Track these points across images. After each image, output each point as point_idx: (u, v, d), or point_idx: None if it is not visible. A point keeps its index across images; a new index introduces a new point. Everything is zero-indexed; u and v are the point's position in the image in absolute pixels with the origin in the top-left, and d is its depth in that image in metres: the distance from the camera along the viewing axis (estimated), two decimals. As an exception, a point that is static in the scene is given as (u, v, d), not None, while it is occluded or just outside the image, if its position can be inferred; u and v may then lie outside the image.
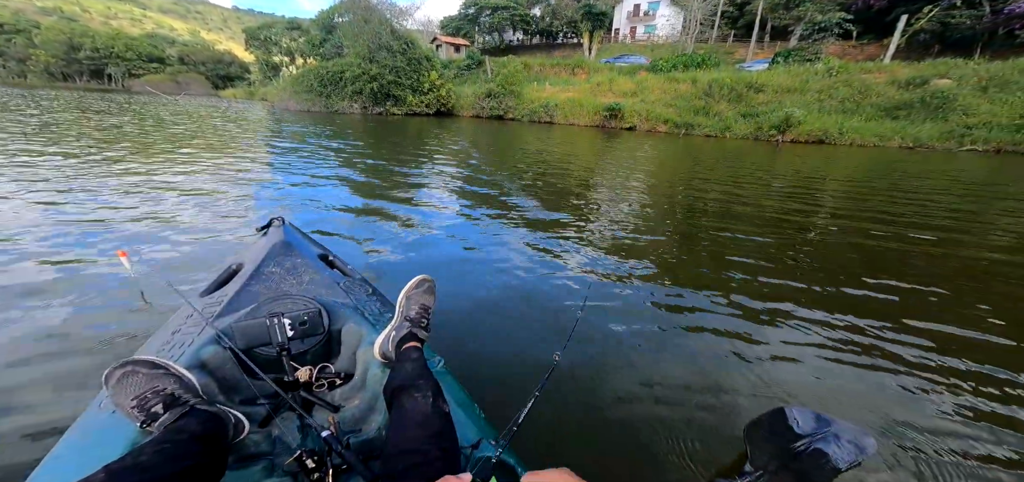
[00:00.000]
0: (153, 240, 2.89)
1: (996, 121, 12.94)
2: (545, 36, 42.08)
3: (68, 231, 2.91)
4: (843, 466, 1.14)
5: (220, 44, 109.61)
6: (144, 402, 0.77)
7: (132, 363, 0.79)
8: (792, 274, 2.82)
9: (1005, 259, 3.25)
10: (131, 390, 0.77)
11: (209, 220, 3.41)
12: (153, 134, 8.59)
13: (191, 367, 0.96)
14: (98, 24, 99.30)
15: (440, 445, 0.75)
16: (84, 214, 3.29)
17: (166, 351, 1.08)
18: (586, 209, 4.40)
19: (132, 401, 0.77)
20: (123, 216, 3.32)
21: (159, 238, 2.93)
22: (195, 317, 1.18)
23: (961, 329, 2.14)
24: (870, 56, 21.26)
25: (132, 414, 0.78)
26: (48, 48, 55.24)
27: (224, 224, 3.35)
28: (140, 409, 0.77)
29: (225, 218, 3.50)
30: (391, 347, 1.07)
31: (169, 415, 0.77)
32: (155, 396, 0.78)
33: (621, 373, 1.72)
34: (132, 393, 0.77)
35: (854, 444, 1.18)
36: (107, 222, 3.16)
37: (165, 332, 1.20)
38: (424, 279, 1.17)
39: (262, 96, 34.38)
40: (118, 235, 2.93)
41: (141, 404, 0.77)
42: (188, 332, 1.14)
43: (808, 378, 1.76)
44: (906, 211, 4.74)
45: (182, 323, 1.20)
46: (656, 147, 11.60)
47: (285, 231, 1.60)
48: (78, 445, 0.83)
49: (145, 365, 0.79)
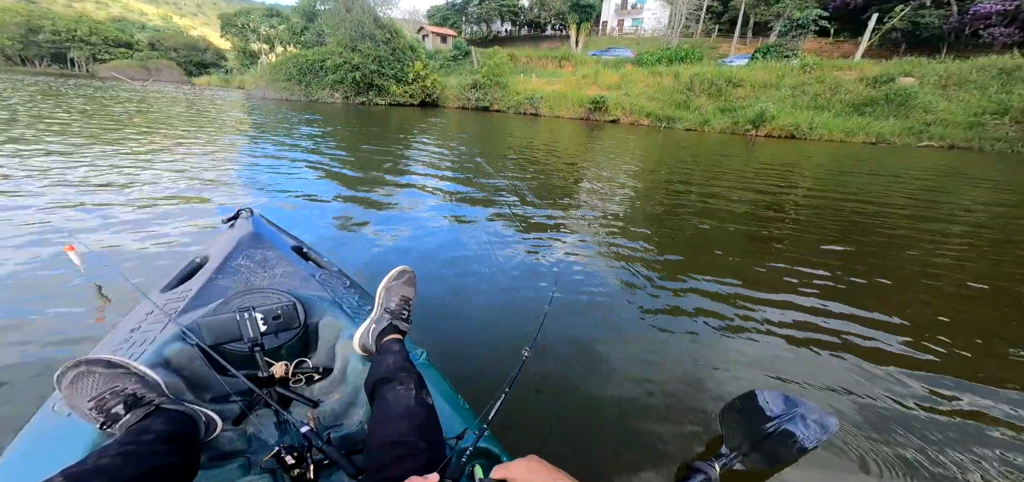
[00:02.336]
0: (105, 233, 2.72)
1: (952, 119, 13.69)
2: (533, 28, 41.79)
3: (6, 223, 2.73)
4: (809, 445, 1.24)
5: (194, 30, 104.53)
6: (103, 403, 0.71)
7: (86, 362, 0.73)
8: (761, 260, 2.98)
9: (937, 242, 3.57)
10: (87, 391, 0.71)
11: (169, 211, 3.25)
12: (99, 119, 8.05)
13: (154, 365, 0.91)
14: (60, 7, 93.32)
15: (424, 436, 0.74)
16: (24, 204, 3.08)
17: (125, 349, 1.02)
18: (562, 202, 4.51)
19: (89, 402, 0.71)
20: (70, 207, 3.12)
21: (112, 231, 2.76)
22: (156, 313, 1.12)
23: (908, 318, 2.33)
24: (845, 54, 21.97)
25: (90, 416, 0.72)
26: (4, 31, 51.73)
27: (186, 216, 3.20)
28: (99, 410, 0.71)
29: (187, 209, 3.35)
30: (371, 340, 1.04)
31: (132, 415, 0.72)
32: (115, 396, 0.72)
33: (595, 363, 1.75)
34: (89, 394, 0.71)
35: (819, 424, 1.29)
36: (53, 214, 2.96)
37: (123, 330, 1.13)
38: (404, 270, 1.14)
39: (239, 83, 33.18)
40: (65, 229, 2.75)
41: (99, 405, 0.71)
42: (149, 329, 1.07)
43: (778, 360, 1.84)
44: (868, 199, 5.08)
45: (142, 320, 1.14)
46: (636, 140, 11.83)
47: (254, 222, 1.53)
48: (30, 451, 0.76)
49: (101, 364, 0.74)
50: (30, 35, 52.79)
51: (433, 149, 7.79)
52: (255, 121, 10.56)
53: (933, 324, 2.23)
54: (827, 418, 1.32)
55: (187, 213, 3.31)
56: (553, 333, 1.90)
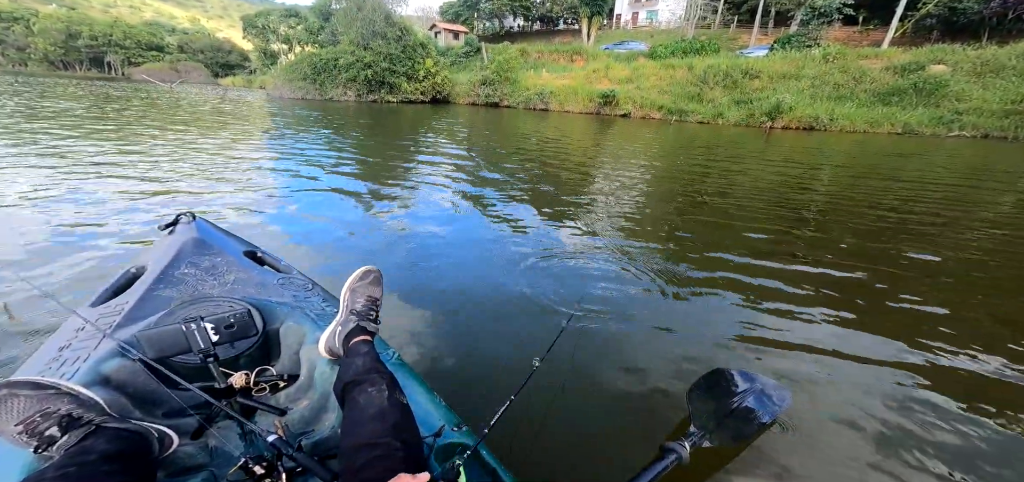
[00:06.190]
0: (10, 243, 2.39)
1: (986, 107, 12.84)
2: (546, 22, 41.44)
3: None
4: (768, 420, 1.32)
5: (220, 32, 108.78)
6: (33, 425, 0.66)
7: (7, 386, 0.66)
8: (796, 265, 2.63)
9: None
10: (13, 416, 0.66)
11: (94, 215, 2.91)
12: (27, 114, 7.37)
13: (90, 384, 0.84)
14: (97, 12, 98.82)
15: (400, 436, 0.72)
16: None
17: (54, 369, 0.93)
18: (568, 200, 4.30)
19: (17, 426, 0.66)
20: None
21: (21, 240, 2.40)
22: (88, 329, 1.03)
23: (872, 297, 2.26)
24: (875, 42, 20.83)
25: (19, 440, 0.67)
26: (46, 36, 55.21)
27: (113, 221, 2.85)
28: (29, 434, 0.66)
29: (116, 214, 2.98)
30: (338, 343, 1.01)
31: (69, 437, 0.67)
32: (46, 418, 0.67)
33: (597, 367, 1.71)
34: (15, 418, 0.66)
35: (774, 398, 1.40)
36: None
37: (50, 350, 1.02)
38: (369, 270, 1.10)
39: (260, 84, 34.34)
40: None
41: (30, 428, 0.66)
42: (80, 347, 0.98)
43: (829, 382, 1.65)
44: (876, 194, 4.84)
45: (71, 338, 1.03)
46: (647, 134, 11.60)
47: (198, 227, 1.44)
48: None
49: (26, 386, 0.67)
50: (70, 40, 56.18)
51: (437, 145, 7.85)
52: (241, 114, 10.46)
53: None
54: (783, 392, 1.45)
55: (114, 217, 2.95)
56: (565, 343, 1.76)
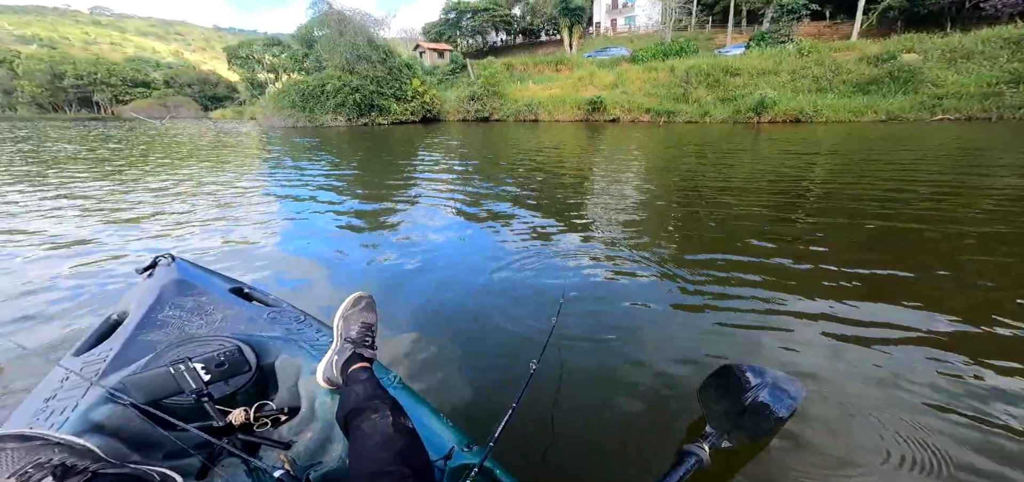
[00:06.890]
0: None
1: (965, 91, 13.41)
2: (527, 35, 42.27)
3: None
4: (785, 414, 1.24)
5: (205, 64, 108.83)
6: (26, 478, 0.65)
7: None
8: (792, 260, 2.67)
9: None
10: (4, 470, 0.65)
11: (71, 263, 2.83)
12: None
13: (82, 432, 0.82)
14: (78, 50, 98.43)
15: (407, 462, 0.71)
16: None
17: (41, 421, 0.92)
18: (562, 205, 4.43)
19: (8, 479, 0.65)
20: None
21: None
22: (73, 379, 1.01)
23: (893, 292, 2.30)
24: (845, 35, 21.63)
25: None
26: (31, 78, 54.72)
27: (92, 268, 2.78)
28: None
29: (94, 260, 2.89)
30: (335, 372, 1.00)
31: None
32: (39, 469, 0.65)
33: (595, 371, 1.71)
34: (6, 472, 0.65)
35: (789, 391, 1.31)
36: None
37: (35, 402, 1.01)
38: (360, 296, 1.09)
39: (251, 115, 34.34)
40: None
41: (23, 480, 0.65)
42: (66, 398, 0.97)
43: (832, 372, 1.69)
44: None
45: (56, 389, 1.02)
46: (638, 137, 11.83)
47: (179, 267, 1.42)
48: None
49: (13, 439, 0.66)
50: (56, 81, 55.69)
51: (431, 163, 7.92)
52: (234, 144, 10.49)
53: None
54: (795, 384, 1.37)
55: (93, 263, 2.89)
56: (560, 343, 1.84)
